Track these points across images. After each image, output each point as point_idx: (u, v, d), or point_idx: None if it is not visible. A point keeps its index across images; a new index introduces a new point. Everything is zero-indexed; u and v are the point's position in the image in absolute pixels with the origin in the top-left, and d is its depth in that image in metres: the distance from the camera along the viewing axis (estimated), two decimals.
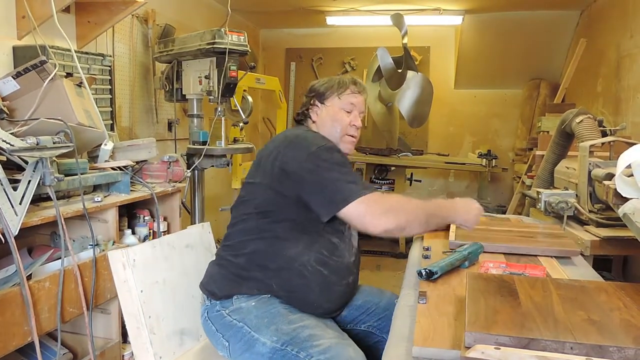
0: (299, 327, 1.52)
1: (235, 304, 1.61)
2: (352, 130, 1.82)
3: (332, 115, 1.82)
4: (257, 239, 1.64)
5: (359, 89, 1.85)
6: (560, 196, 2.41)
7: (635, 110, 3.78)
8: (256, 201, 1.67)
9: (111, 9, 2.97)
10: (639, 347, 0.92)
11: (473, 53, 5.89)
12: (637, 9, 3.85)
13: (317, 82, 1.90)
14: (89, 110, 2.51)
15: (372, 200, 1.52)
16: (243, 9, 5.23)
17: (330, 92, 1.83)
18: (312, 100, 1.87)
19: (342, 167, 1.59)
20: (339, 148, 1.71)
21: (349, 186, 1.53)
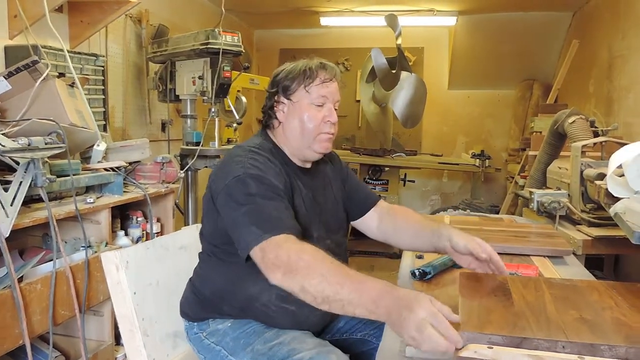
0: (276, 344, 1.42)
1: (211, 326, 1.54)
2: (326, 127, 1.53)
3: (300, 114, 1.52)
4: (215, 275, 1.53)
5: (330, 75, 1.54)
6: (552, 196, 2.42)
7: (626, 110, 3.81)
8: (206, 232, 1.55)
9: (104, 9, 2.96)
10: (629, 345, 0.92)
11: (466, 54, 5.90)
12: (628, 10, 3.87)
13: (279, 70, 1.58)
14: (82, 110, 2.49)
15: (271, 245, 1.23)
16: (237, 9, 5.22)
17: (297, 85, 1.52)
18: (275, 95, 1.56)
19: (250, 204, 1.32)
20: (261, 173, 1.39)
21: (250, 230, 1.27)
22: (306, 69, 1.52)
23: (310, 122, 1.51)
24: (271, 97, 1.57)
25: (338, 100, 1.57)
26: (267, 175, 1.39)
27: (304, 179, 1.56)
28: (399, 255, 4.90)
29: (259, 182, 1.36)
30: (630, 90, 3.74)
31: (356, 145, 5.84)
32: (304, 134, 1.52)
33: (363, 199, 1.76)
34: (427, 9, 5.30)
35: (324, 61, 1.56)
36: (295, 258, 1.19)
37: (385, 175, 5.30)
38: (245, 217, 1.30)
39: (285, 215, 1.32)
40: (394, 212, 1.75)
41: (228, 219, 1.36)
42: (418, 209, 6.22)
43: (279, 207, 1.33)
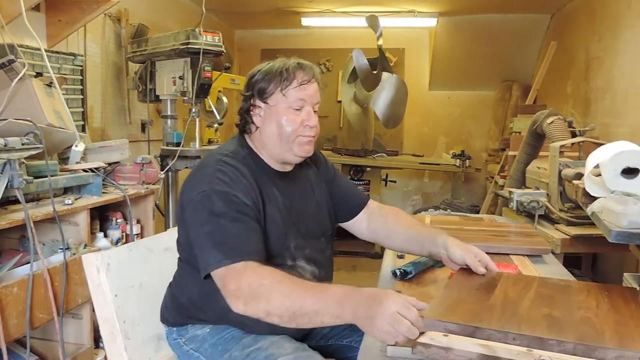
0: (254, 350, 1.39)
1: (190, 331, 1.52)
2: (306, 131, 1.45)
3: (277, 119, 1.44)
4: (190, 284, 1.48)
5: (308, 76, 1.45)
6: (531, 196, 2.45)
7: (603, 111, 3.87)
8: (181, 239, 1.49)
9: (83, 8, 2.92)
10: (577, 342, 0.95)
11: (447, 55, 5.95)
12: (604, 13, 3.94)
13: (255, 71, 1.49)
14: (60, 110, 2.46)
15: (230, 274, 1.22)
16: (218, 9, 5.20)
17: (273, 87, 1.44)
18: (251, 99, 1.48)
19: (212, 225, 1.28)
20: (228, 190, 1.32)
21: (211, 252, 1.25)
22: (282, 71, 1.43)
23: (288, 127, 1.44)
24: (247, 101, 1.49)
25: (318, 101, 1.50)
26: (234, 192, 1.33)
27: (281, 185, 1.50)
28: (381, 255, 4.91)
29: (225, 199, 1.31)
30: (607, 91, 3.80)
31: (338, 146, 5.85)
32: (281, 139, 1.45)
33: (352, 200, 1.73)
34: (408, 10, 5.33)
35: (301, 61, 1.47)
36: (256, 285, 1.18)
37: (366, 175, 5.31)
38: (207, 238, 1.27)
39: (247, 239, 1.28)
40: (385, 213, 1.72)
41: (192, 233, 1.34)
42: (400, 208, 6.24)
43: (242, 229, 1.29)
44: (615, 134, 3.53)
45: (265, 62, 1.49)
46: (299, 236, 1.49)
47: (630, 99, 3.42)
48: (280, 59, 1.48)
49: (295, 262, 1.47)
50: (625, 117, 3.48)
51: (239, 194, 1.33)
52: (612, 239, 1.55)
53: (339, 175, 1.75)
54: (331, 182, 1.69)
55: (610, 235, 1.56)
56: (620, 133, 3.49)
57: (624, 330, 1.02)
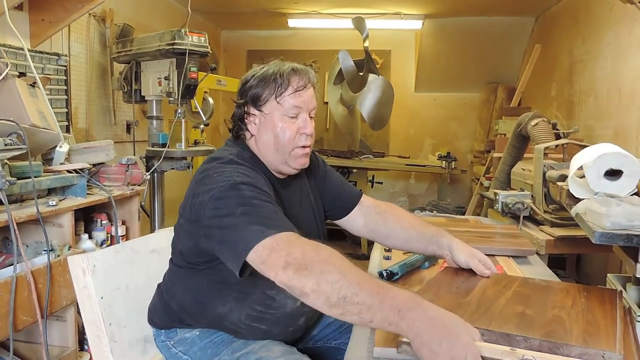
0: (243, 354, 1.36)
1: (179, 334, 1.49)
2: (302, 140, 1.41)
3: (272, 127, 1.39)
4: (183, 290, 1.45)
5: (304, 82, 1.40)
6: (516, 197, 2.47)
7: (587, 113, 3.91)
8: (180, 246, 1.43)
9: (67, 7, 2.90)
10: (543, 339, 0.97)
11: (433, 57, 5.98)
12: (588, 16, 3.99)
13: (248, 77, 1.43)
14: (43, 111, 2.44)
15: (280, 241, 1.11)
16: (204, 9, 5.18)
17: (267, 95, 1.39)
18: (245, 106, 1.44)
19: (246, 206, 1.19)
20: (251, 180, 1.27)
21: (251, 228, 1.14)
22: (277, 76, 1.38)
23: (283, 136, 1.39)
24: (241, 108, 1.44)
25: (314, 107, 1.45)
26: (258, 183, 1.28)
27: (281, 192, 1.47)
28: (368, 256, 4.92)
29: (252, 186, 1.25)
30: (590, 94, 3.85)
31: (324, 147, 5.85)
32: (277, 148, 1.40)
33: (345, 197, 1.68)
34: (394, 13, 5.35)
35: (296, 66, 1.42)
36: (313, 254, 1.08)
37: (353, 177, 5.32)
38: (242, 218, 1.17)
39: (284, 218, 1.21)
40: (382, 211, 1.67)
41: (217, 231, 1.21)
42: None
43: (277, 210, 1.23)
44: (599, 136, 3.57)
45: (256, 65, 1.46)
46: None
47: (613, 101, 3.47)
48: (274, 63, 1.43)
49: None
50: (609, 119, 3.52)
51: (264, 186, 1.29)
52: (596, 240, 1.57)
53: (330, 172, 1.70)
54: (322, 179, 1.66)
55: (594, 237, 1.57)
56: (604, 135, 3.53)
57: (592, 329, 1.03)
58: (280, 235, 1.12)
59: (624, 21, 3.33)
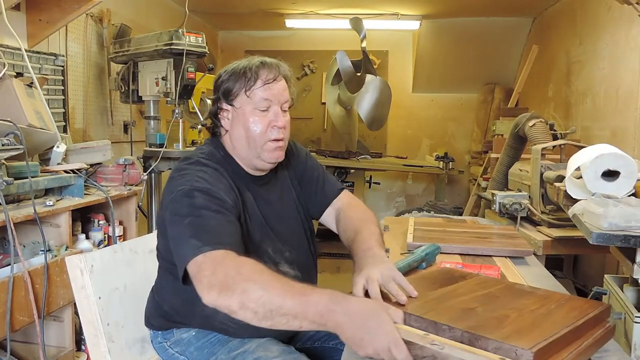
0: (240, 354, 1.36)
1: (176, 335, 1.48)
2: (274, 133, 1.41)
3: (244, 122, 1.40)
4: (170, 293, 1.45)
5: (273, 74, 1.40)
6: (513, 198, 2.47)
7: (584, 114, 3.92)
8: (161, 247, 1.44)
9: (64, 8, 2.89)
10: (465, 330, 0.99)
11: (430, 58, 5.99)
12: (585, 17, 3.99)
13: (222, 72, 1.44)
14: (41, 111, 2.43)
15: (208, 261, 1.13)
16: (201, 10, 5.17)
17: (237, 89, 1.39)
18: (218, 102, 1.45)
19: (193, 216, 1.22)
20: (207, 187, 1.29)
21: (189, 242, 1.17)
22: (246, 70, 1.39)
23: (255, 130, 1.39)
24: (214, 103, 1.46)
25: (287, 100, 1.44)
26: (215, 189, 1.29)
27: (257, 190, 1.47)
28: None
29: (206, 194, 1.27)
30: (587, 95, 3.86)
31: (322, 148, 5.85)
32: (249, 142, 1.41)
33: (321, 194, 1.62)
34: (392, 13, 5.35)
35: (265, 59, 1.42)
36: (233, 273, 1.10)
37: (350, 177, 5.32)
38: (186, 229, 1.21)
39: (229, 231, 1.23)
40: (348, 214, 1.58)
41: (171, 231, 1.26)
42: (383, 210, 6.27)
43: (223, 221, 1.24)
44: (596, 137, 3.58)
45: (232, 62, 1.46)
46: (276, 240, 1.46)
47: (610, 102, 3.48)
48: (246, 58, 1.44)
49: (278, 268, 1.42)
50: (606, 120, 3.53)
51: (220, 192, 1.30)
52: (593, 240, 1.57)
53: (311, 166, 1.65)
54: (302, 172, 1.63)
55: (591, 237, 1.58)
56: (601, 136, 3.54)
57: (529, 330, 1.00)
58: (212, 254, 1.14)
59: (622, 22, 3.33)
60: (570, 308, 1.14)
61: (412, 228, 2.09)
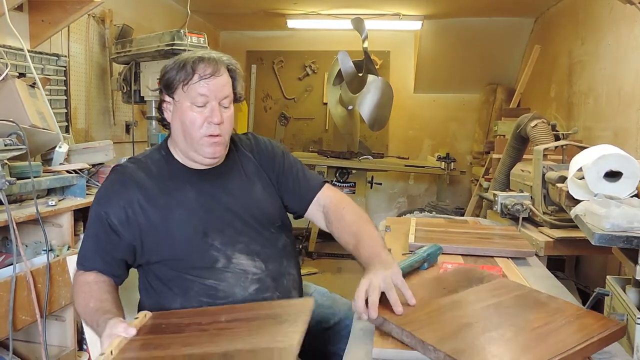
0: None
1: None
2: (210, 129, 1.39)
3: (181, 116, 1.40)
4: (143, 291, 1.51)
5: (211, 70, 1.38)
6: (515, 198, 2.47)
7: (586, 114, 3.92)
8: None
9: (66, 8, 2.90)
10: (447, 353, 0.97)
11: (432, 58, 5.98)
12: (587, 17, 3.99)
13: (170, 61, 1.44)
14: (43, 111, 2.44)
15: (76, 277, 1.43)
16: (203, 10, 5.18)
17: (177, 82, 1.38)
18: (161, 93, 1.45)
19: (87, 227, 1.44)
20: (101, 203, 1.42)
21: (81, 251, 1.44)
22: (185, 64, 1.37)
23: (191, 125, 1.39)
24: (159, 94, 1.46)
25: (226, 96, 1.42)
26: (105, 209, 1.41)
27: (199, 184, 1.47)
28: None
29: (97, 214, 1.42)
30: (589, 95, 3.85)
31: (323, 148, 5.85)
32: (186, 137, 1.41)
33: (302, 189, 1.60)
34: (393, 13, 5.35)
35: (204, 54, 1.40)
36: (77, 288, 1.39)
37: (352, 177, 5.32)
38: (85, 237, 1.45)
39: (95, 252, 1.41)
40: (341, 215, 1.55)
41: None
42: (385, 211, 6.27)
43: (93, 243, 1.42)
44: (598, 137, 3.58)
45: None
46: (228, 232, 1.44)
47: (612, 102, 3.47)
48: (191, 52, 1.43)
49: (231, 261, 1.42)
50: (608, 120, 3.53)
51: (110, 210, 1.40)
52: (595, 241, 1.57)
53: (289, 164, 1.63)
54: (280, 172, 1.61)
55: (593, 238, 1.58)
56: (603, 136, 3.53)
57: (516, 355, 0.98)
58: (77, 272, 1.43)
59: (624, 22, 3.33)
60: (579, 327, 1.10)
61: (414, 228, 2.09)
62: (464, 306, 1.20)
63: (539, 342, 1.03)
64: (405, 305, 1.18)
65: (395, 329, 1.08)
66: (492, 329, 1.09)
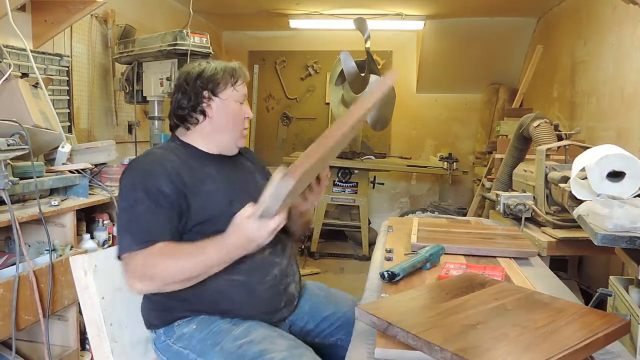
0: (245, 343, 1.44)
1: (177, 331, 1.55)
2: (245, 123, 1.71)
3: (230, 112, 1.65)
4: None
5: (245, 78, 1.71)
6: (518, 199, 2.46)
7: (589, 114, 3.91)
8: None
9: (69, 8, 2.90)
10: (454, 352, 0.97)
11: (434, 58, 5.98)
12: (590, 17, 3.98)
13: (198, 70, 1.65)
14: (46, 111, 2.44)
15: (133, 260, 1.40)
16: (205, 10, 5.18)
17: (224, 83, 1.64)
18: (203, 92, 1.63)
19: (133, 209, 1.46)
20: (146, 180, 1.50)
21: (125, 237, 1.44)
22: (232, 70, 1.66)
23: (239, 118, 1.67)
24: (197, 95, 1.63)
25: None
26: (153, 181, 1.49)
27: (218, 165, 1.66)
28: (368, 257, 4.92)
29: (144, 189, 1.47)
30: (592, 95, 3.85)
31: None
32: (233, 128, 1.67)
33: None
34: (396, 13, 5.35)
35: (238, 63, 1.71)
36: (149, 265, 1.39)
37: (354, 177, 5.32)
38: (124, 224, 1.46)
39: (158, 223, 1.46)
40: None
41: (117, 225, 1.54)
42: (387, 211, 6.27)
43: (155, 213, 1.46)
44: (601, 138, 3.57)
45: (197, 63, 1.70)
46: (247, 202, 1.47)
47: (615, 102, 3.47)
48: (216, 61, 1.69)
49: None
50: (611, 120, 3.52)
51: (158, 183, 1.49)
52: (598, 242, 1.57)
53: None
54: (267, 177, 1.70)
55: (596, 238, 1.58)
56: (606, 136, 3.53)
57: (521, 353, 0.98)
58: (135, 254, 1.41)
59: (627, 22, 3.33)
60: (582, 324, 1.10)
61: (416, 229, 2.09)
62: (467, 309, 1.20)
63: (544, 340, 1.03)
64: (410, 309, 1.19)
65: (401, 333, 1.08)
66: (496, 329, 1.09)
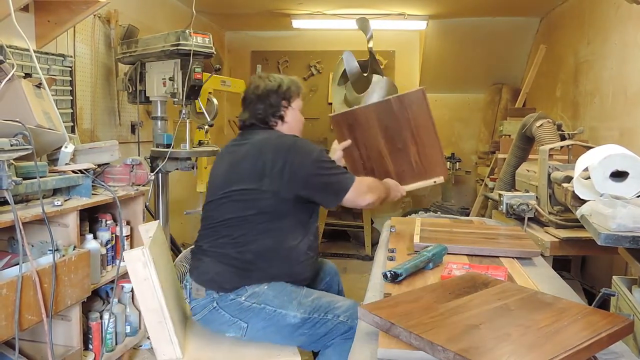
0: (316, 297, 1.86)
1: (249, 290, 1.83)
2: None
3: (298, 117, 2.12)
4: (265, 237, 1.87)
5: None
6: (521, 198, 2.46)
7: (592, 114, 3.90)
8: (261, 204, 1.87)
9: (72, 9, 2.90)
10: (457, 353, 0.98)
11: (437, 58, 5.97)
12: (593, 17, 3.98)
13: (277, 82, 2.07)
14: (49, 111, 2.45)
15: (358, 183, 1.91)
16: (208, 10, 5.19)
17: (296, 95, 2.09)
18: (282, 101, 2.05)
19: (333, 163, 1.97)
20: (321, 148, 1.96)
21: (344, 178, 1.91)
22: (298, 85, 2.11)
23: (301, 122, 2.14)
24: (279, 103, 2.04)
25: None
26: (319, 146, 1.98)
27: None
28: (371, 257, 4.92)
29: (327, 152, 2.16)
30: (595, 95, 3.84)
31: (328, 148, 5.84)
32: (298, 129, 2.11)
33: None
34: (398, 13, 5.34)
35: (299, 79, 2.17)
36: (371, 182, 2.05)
37: None
38: (336, 173, 1.93)
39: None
40: None
41: (322, 181, 1.90)
42: (390, 211, 6.24)
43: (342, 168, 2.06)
44: (604, 137, 3.56)
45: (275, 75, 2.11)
46: None
47: (618, 102, 3.46)
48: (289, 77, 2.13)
49: None
50: (614, 120, 3.51)
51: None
52: (601, 241, 1.57)
53: None
54: None
55: (599, 238, 1.57)
56: (609, 136, 3.52)
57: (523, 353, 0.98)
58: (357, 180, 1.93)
59: (630, 22, 3.32)
60: (586, 324, 1.10)
61: (419, 229, 2.09)
62: (470, 309, 1.20)
63: (547, 340, 1.03)
64: (413, 310, 1.19)
65: (403, 333, 1.08)
66: (499, 329, 1.08)
